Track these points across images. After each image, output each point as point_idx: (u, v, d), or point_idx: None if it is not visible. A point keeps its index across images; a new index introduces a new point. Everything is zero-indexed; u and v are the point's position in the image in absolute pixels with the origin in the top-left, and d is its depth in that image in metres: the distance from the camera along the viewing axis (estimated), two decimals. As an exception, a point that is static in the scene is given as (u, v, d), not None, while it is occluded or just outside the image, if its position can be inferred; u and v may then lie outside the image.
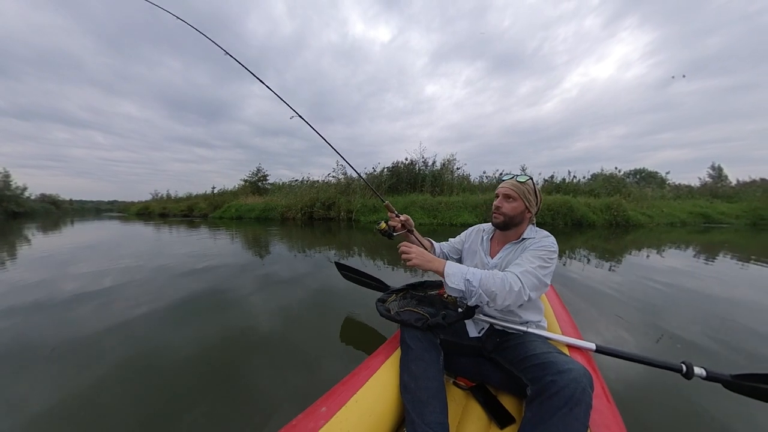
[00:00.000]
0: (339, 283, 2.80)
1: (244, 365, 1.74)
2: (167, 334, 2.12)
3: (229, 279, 3.51)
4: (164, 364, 1.75)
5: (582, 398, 0.78)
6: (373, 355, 1.17)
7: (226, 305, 2.68)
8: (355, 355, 1.82)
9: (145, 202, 27.33)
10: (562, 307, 1.68)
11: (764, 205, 14.51)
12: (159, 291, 3.06)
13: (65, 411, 1.38)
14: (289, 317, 2.41)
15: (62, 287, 3.23)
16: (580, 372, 0.82)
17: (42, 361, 1.79)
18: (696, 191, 19.10)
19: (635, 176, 21.08)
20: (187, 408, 1.39)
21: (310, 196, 14.26)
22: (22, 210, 26.78)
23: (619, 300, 2.77)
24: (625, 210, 12.12)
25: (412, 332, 1.13)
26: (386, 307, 1.35)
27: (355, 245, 6.25)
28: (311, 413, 0.86)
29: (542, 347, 1.01)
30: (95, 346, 1.94)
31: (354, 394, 0.93)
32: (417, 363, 1.03)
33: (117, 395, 1.49)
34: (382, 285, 2.02)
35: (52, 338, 2.06)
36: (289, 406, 1.39)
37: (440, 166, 15.39)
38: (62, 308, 2.62)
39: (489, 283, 1.03)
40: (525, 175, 1.28)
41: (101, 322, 2.30)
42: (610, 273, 3.89)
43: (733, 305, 2.70)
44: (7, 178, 27.35)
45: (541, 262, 1.12)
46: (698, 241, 7.26)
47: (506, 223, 1.26)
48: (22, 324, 2.30)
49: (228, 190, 22.59)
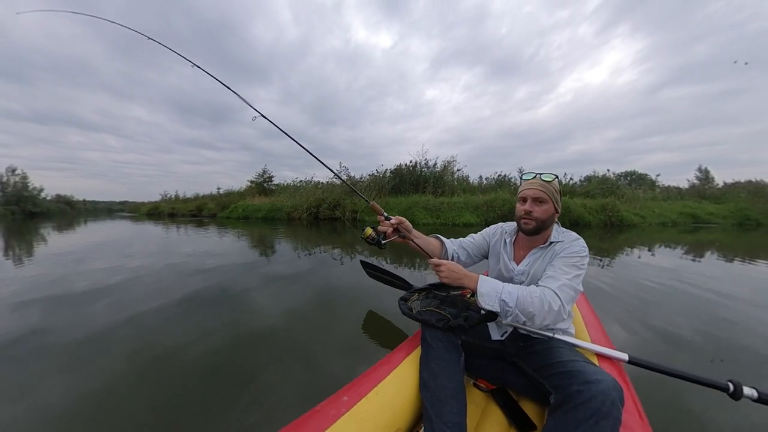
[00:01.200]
0: (362, 279, 2.75)
1: (274, 354, 1.75)
2: (208, 326, 2.13)
3: (248, 275, 3.50)
4: (218, 354, 1.75)
5: (610, 412, 0.71)
6: (395, 351, 1.14)
7: (248, 300, 2.71)
8: (375, 349, 1.79)
9: (155, 203, 27.15)
10: (592, 313, 1.52)
11: (749, 206, 14.65)
12: (198, 286, 3.04)
13: (81, 399, 1.38)
14: (312, 310, 2.46)
15: (78, 284, 3.20)
16: (609, 384, 0.74)
17: (61, 352, 1.79)
18: (685, 193, 19.15)
19: (626, 178, 21.02)
20: (214, 394, 1.40)
21: (315, 197, 14.18)
22: (39, 210, 26.95)
23: (621, 299, 2.72)
24: (619, 211, 12.10)
25: (434, 332, 1.09)
26: (408, 306, 1.31)
27: (358, 244, 6.21)
28: (334, 401, 0.86)
29: (569, 355, 0.93)
30: (109, 340, 1.93)
31: (374, 387, 0.91)
32: (437, 362, 0.99)
33: (130, 386, 1.48)
34: (405, 284, 1.96)
35: (70, 331, 2.05)
36: (314, 392, 1.39)
37: (441, 167, 15.31)
38: (78, 303, 2.62)
39: (526, 302, 0.95)
40: (550, 174, 1.12)
41: (116, 317, 2.28)
42: (620, 269, 3.84)
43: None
44: (25, 179, 27.61)
45: (576, 271, 1.02)
46: (687, 241, 7.24)
47: (538, 228, 1.12)
48: (43, 317, 2.31)
49: (234, 191, 22.46)
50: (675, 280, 3.39)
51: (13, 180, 26.94)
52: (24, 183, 27.35)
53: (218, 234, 8.24)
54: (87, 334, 2.02)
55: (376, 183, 14.63)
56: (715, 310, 2.48)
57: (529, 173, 1.15)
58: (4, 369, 1.65)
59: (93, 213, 34.35)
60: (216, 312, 2.40)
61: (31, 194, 27.48)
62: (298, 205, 14.40)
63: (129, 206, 43.96)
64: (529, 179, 1.14)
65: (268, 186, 21.44)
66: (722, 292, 2.94)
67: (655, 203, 14.53)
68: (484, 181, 16.13)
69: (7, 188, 26.53)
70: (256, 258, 4.69)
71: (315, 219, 13.78)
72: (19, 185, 26.98)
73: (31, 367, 1.67)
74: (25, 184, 27.41)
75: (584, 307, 1.56)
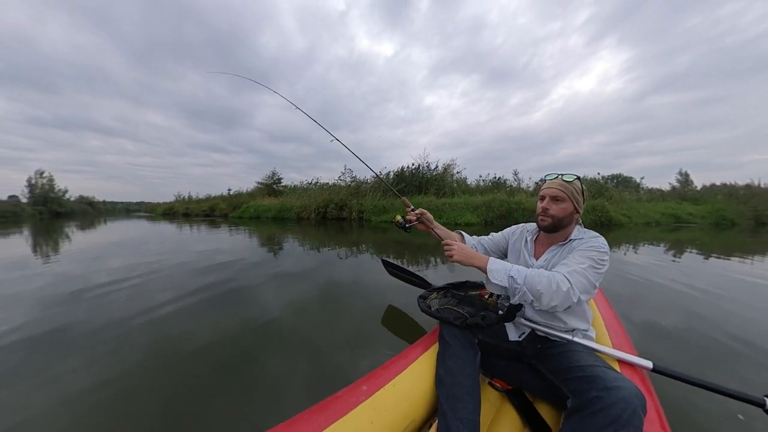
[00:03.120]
0: (382, 276, 2.74)
1: (300, 343, 1.75)
2: (233, 317, 2.14)
3: (271, 271, 3.49)
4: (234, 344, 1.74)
5: (631, 421, 0.65)
6: (412, 346, 1.12)
7: (274, 293, 2.72)
8: (394, 343, 1.76)
9: (170, 203, 27.02)
10: (614, 316, 1.41)
11: (725, 207, 14.72)
12: (219, 280, 3.02)
13: (102, 383, 1.39)
14: (334, 303, 2.46)
15: (102, 278, 3.19)
16: (631, 391, 0.69)
17: (82, 343, 1.80)
18: (667, 194, 19.10)
19: (613, 181, 20.91)
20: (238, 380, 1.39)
21: (323, 198, 14.12)
22: (64, 210, 27.05)
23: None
24: (608, 211, 12.07)
25: (451, 330, 1.06)
26: (427, 304, 1.29)
27: (363, 243, 6.19)
28: (353, 389, 0.86)
29: (588, 359, 0.87)
30: (126, 332, 1.94)
31: (392, 379, 0.91)
32: (454, 360, 0.97)
33: (146, 375, 1.47)
34: (424, 282, 1.93)
35: (91, 323, 2.06)
36: (332, 380, 1.38)
37: (442, 170, 15.20)
38: (100, 296, 2.63)
39: (534, 281, 0.91)
40: (571, 174, 1.07)
41: (137, 310, 2.28)
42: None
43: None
44: (51, 182, 27.74)
45: (592, 263, 0.95)
46: (669, 239, 7.26)
47: (554, 225, 1.08)
48: (67, 310, 2.33)
49: (243, 192, 22.39)
50: (657, 274, 3.36)
51: (40, 182, 27.11)
52: (50, 185, 27.48)
53: (236, 233, 8.21)
54: (107, 324, 2.05)
55: (381, 184, 14.61)
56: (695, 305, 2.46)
57: (551, 174, 1.11)
58: (35, 355, 1.67)
59: (112, 213, 34.39)
60: (247, 306, 2.40)
61: (57, 195, 27.55)
62: (306, 206, 14.34)
63: (145, 206, 44.06)
64: (551, 179, 1.10)
65: (277, 187, 21.43)
66: (699, 287, 2.96)
67: (640, 204, 14.47)
68: (481, 182, 16.03)
69: (36, 190, 26.69)
70: (276, 255, 4.68)
71: (323, 219, 13.75)
72: (46, 187, 27.11)
73: (58, 353, 1.68)
74: (52, 186, 27.51)
75: (606, 311, 1.44)
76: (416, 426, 0.88)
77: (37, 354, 1.69)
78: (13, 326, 2.02)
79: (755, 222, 13.72)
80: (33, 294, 2.73)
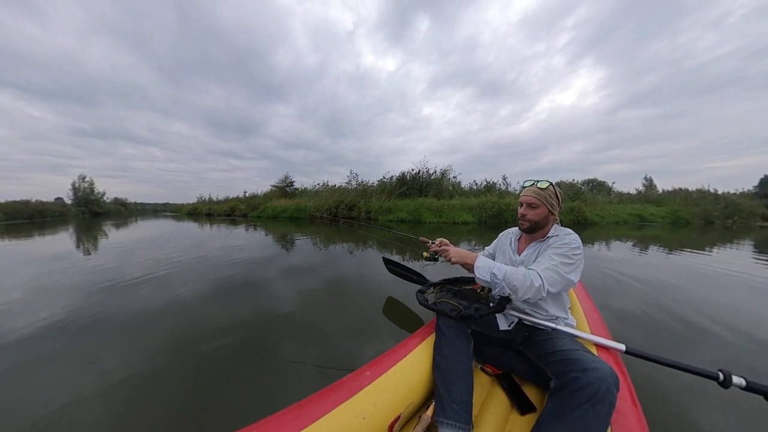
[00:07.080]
0: (381, 270, 2.70)
1: (298, 333, 1.71)
2: (250, 308, 2.11)
3: (288, 264, 3.45)
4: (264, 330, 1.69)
5: (605, 397, 0.67)
6: (411, 336, 1.11)
7: (286, 285, 2.69)
8: (393, 332, 1.73)
9: (194, 204, 26.72)
10: (592, 306, 1.44)
11: (681, 208, 15.01)
12: (247, 273, 2.99)
13: (130, 368, 1.37)
14: (339, 296, 2.40)
15: (141, 270, 3.17)
16: (605, 372, 0.71)
17: (116, 331, 1.78)
18: (634, 198, 19.06)
19: (588, 185, 20.83)
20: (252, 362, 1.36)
21: (334, 199, 13.98)
22: (102, 210, 27.23)
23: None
24: (584, 212, 12.18)
25: (447, 321, 1.05)
26: (425, 297, 1.27)
27: (370, 239, 6.18)
28: (358, 375, 0.85)
29: (569, 344, 0.88)
30: (154, 320, 1.93)
31: (393, 366, 0.90)
32: (449, 348, 0.96)
33: (173, 357, 1.46)
34: (422, 279, 1.87)
35: (123, 313, 2.04)
36: (342, 361, 1.36)
37: (440, 174, 15.14)
38: (135, 287, 2.63)
39: (512, 277, 0.94)
40: (545, 181, 1.09)
41: (168, 299, 2.27)
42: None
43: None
44: (92, 185, 27.92)
45: (563, 259, 0.97)
46: (635, 236, 7.34)
47: (532, 227, 1.11)
48: (103, 299, 2.33)
49: (259, 194, 22.26)
50: (627, 266, 3.33)
51: (83, 186, 27.35)
52: (91, 188, 27.64)
53: (258, 231, 8.14)
54: (136, 312, 2.04)
55: (384, 188, 14.53)
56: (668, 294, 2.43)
57: (528, 180, 1.13)
58: (73, 340, 1.66)
59: (142, 213, 34.23)
60: (263, 297, 2.37)
61: (96, 197, 27.68)
62: (319, 206, 14.19)
63: (170, 207, 43.97)
64: (527, 186, 1.13)
65: (290, 190, 21.37)
66: (662, 278, 2.96)
67: (611, 206, 14.54)
68: (474, 186, 15.99)
69: (79, 192, 26.99)
70: (295, 251, 4.65)
71: (334, 218, 13.71)
72: (87, 190, 27.32)
73: (97, 337, 1.69)
74: (92, 189, 27.68)
75: (585, 301, 1.48)
76: (415, 407, 0.88)
77: (79, 337, 1.69)
78: (66, 311, 2.07)
79: (705, 221, 14.01)
80: (76, 284, 2.76)
